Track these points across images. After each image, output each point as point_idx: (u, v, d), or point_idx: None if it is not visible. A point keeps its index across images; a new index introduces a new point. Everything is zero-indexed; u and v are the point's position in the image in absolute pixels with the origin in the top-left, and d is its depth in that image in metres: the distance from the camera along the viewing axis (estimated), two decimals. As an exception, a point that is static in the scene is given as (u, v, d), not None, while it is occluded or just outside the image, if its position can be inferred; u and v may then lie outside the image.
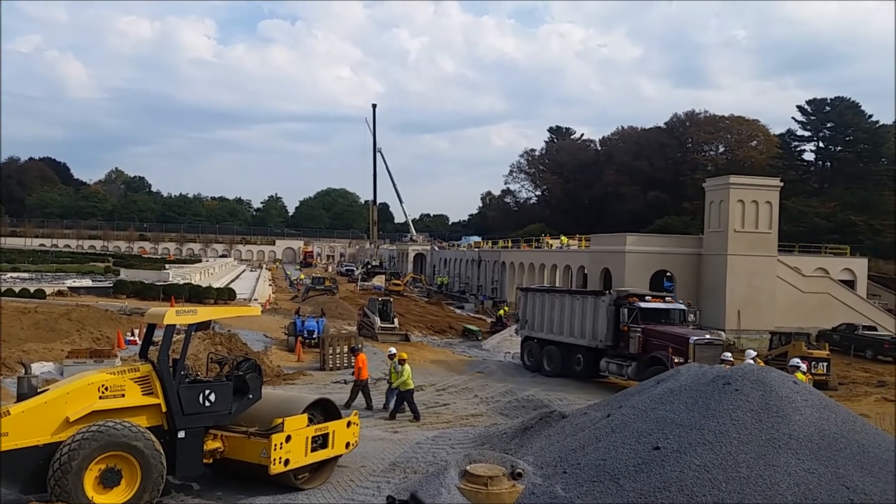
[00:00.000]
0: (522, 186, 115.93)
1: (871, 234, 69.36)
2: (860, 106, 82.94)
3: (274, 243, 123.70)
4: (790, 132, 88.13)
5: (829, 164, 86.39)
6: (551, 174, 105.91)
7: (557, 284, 49.13)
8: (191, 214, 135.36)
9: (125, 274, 46.75)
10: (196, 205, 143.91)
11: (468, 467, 8.80)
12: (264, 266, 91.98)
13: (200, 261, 78.96)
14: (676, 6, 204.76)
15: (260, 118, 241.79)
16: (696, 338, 21.68)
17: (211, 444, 10.49)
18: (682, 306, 24.90)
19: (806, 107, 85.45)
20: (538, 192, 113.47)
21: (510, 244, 64.35)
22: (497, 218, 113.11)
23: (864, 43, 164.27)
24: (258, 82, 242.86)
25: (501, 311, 45.60)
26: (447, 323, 42.55)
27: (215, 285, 44.97)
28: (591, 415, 11.41)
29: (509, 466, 9.03)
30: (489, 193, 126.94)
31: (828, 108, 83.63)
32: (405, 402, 17.78)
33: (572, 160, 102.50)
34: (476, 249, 70.20)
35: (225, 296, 41.35)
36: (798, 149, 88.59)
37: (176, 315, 10.69)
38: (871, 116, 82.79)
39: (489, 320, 45.11)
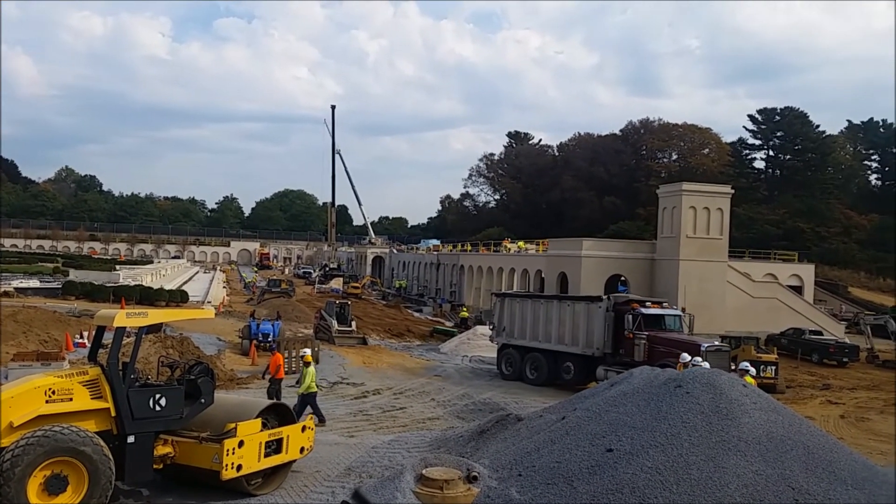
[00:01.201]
0: (482, 190, 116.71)
1: (818, 241, 71.63)
2: (808, 116, 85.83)
3: (229, 245, 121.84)
4: (741, 140, 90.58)
5: (778, 172, 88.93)
6: (510, 178, 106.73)
7: (516, 288, 49.47)
8: (143, 214, 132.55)
9: (74, 275, 45.55)
10: (148, 205, 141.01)
11: (424, 471, 8.80)
12: (218, 268, 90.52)
13: (152, 262, 77.35)
14: (631, 15, 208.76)
15: (215, 117, 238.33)
16: (707, 344, 21.38)
17: (161, 450, 10.28)
18: (679, 312, 24.63)
19: (756, 116, 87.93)
20: (497, 196, 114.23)
21: (469, 248, 64.56)
22: (456, 221, 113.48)
23: (812, 54, 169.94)
24: (214, 81, 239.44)
25: (464, 313, 45.78)
26: (405, 326, 42.50)
27: (167, 287, 44.17)
28: (547, 417, 11.50)
29: (465, 470, 9.06)
30: (448, 197, 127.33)
31: (777, 118, 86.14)
32: (308, 406, 16.62)
33: (530, 165, 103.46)
34: (435, 253, 70.24)
35: (177, 298, 40.64)
36: (749, 157, 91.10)
37: (126, 317, 10.45)
38: (818, 126, 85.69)
39: (448, 324, 45.21)
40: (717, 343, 22.83)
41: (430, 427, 17.20)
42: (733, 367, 18.68)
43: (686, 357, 18.84)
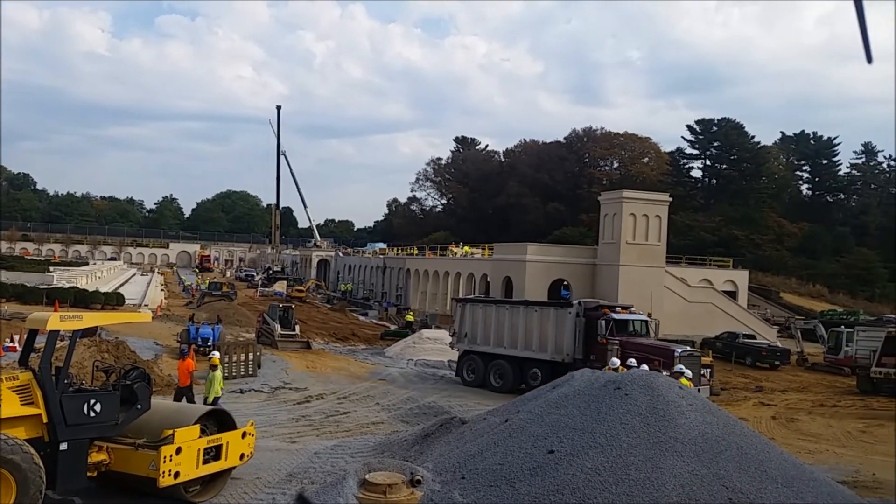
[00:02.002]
0: (428, 194, 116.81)
1: (751, 248, 74.09)
2: (744, 127, 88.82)
3: (168, 246, 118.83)
4: (679, 150, 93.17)
5: (714, 181, 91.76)
6: (457, 183, 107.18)
7: (462, 293, 49.70)
8: (78, 214, 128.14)
9: (6, 276, 43.70)
10: (84, 204, 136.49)
11: (367, 476, 8.77)
12: (157, 270, 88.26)
13: (88, 263, 74.92)
14: (576, 25, 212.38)
15: (155, 115, 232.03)
16: (680, 350, 21.49)
17: (96, 457, 9.99)
18: (646, 317, 24.62)
19: (694, 126, 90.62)
20: (444, 201, 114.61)
21: (416, 251, 64.57)
22: (403, 225, 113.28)
23: (748, 67, 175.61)
24: (154, 78, 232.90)
25: (409, 317, 45.73)
26: (350, 330, 42.23)
27: (103, 289, 42.90)
28: (490, 420, 11.59)
29: (408, 474, 9.06)
30: (395, 200, 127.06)
31: (714, 129, 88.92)
32: None
33: (477, 170, 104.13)
34: (381, 256, 70.00)
35: (113, 301, 39.50)
36: (686, 166, 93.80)
37: (60, 320, 10.13)
38: (753, 137, 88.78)
39: (392, 327, 45.10)
40: (689, 348, 22.96)
41: (374, 431, 17.14)
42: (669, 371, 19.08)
43: (616, 361, 19.22)
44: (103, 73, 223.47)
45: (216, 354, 17.75)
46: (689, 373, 18.28)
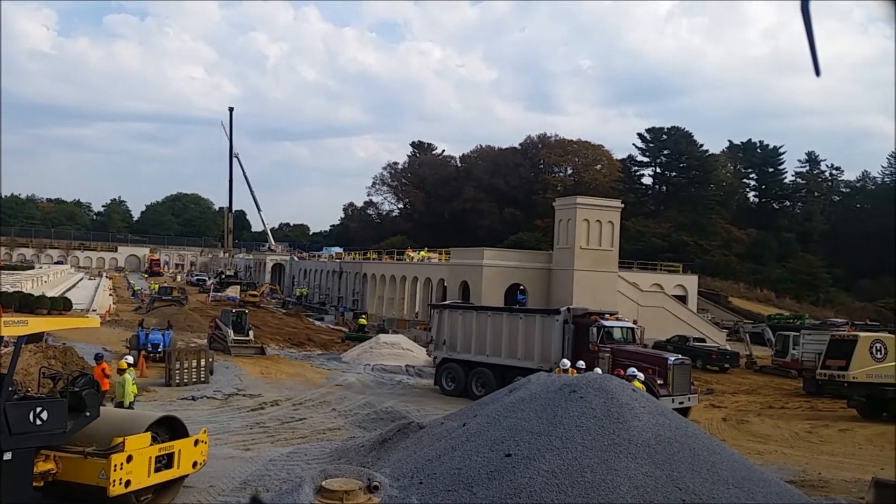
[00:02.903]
0: (385, 199, 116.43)
1: (700, 254, 75.87)
2: (693, 136, 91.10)
3: (116, 250, 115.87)
4: (631, 158, 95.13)
5: (664, 188, 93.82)
6: (413, 188, 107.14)
7: (419, 298, 49.69)
8: (23, 217, 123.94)
9: (-58, 281, 42.17)
10: (29, 206, 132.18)
11: (323, 482, 8.68)
12: (105, 274, 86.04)
13: (33, 267, 72.78)
14: (529, 34, 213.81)
15: (103, 116, 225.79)
16: (673, 359, 21.21)
17: (42, 466, 9.70)
18: (633, 325, 24.37)
19: (645, 135, 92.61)
20: (400, 205, 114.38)
21: (372, 256, 64.30)
22: (359, 229, 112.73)
23: (696, 78, 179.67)
24: (102, 78, 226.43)
25: (362, 320, 45.51)
26: (306, 335, 41.79)
27: (49, 294, 41.60)
28: (448, 424, 11.61)
29: (366, 480, 9.01)
30: (352, 205, 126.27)
31: (664, 137, 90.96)
32: None
33: (434, 175, 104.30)
34: (337, 260, 69.50)
35: (60, 305, 38.35)
36: (638, 173, 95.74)
37: (4, 326, 9.80)
38: (702, 146, 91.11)
39: (345, 331, 44.86)
40: (680, 356, 22.75)
41: (331, 438, 16.99)
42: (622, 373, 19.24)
43: (566, 363, 19.39)
44: (49, 71, 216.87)
45: (129, 359, 17.30)
46: (641, 375, 18.53)
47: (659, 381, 20.01)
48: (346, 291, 62.10)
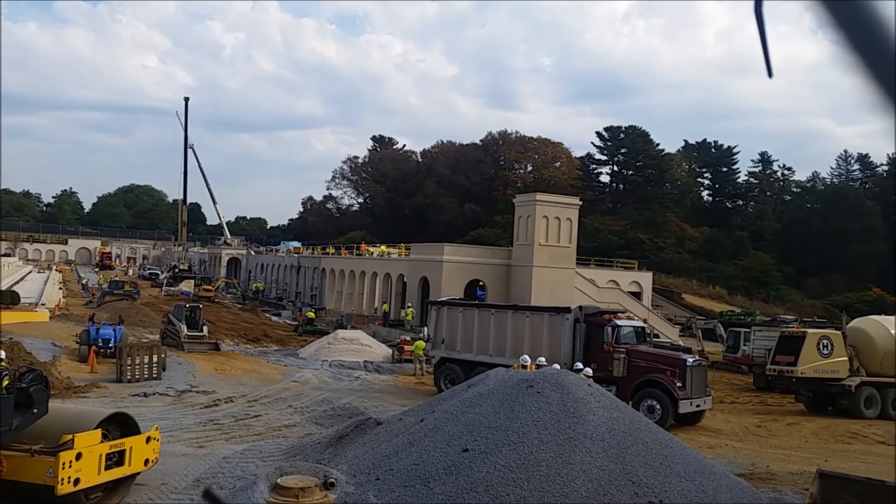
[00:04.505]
0: (345, 193, 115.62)
1: (655, 251, 77.26)
2: (649, 135, 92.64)
3: (66, 242, 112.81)
4: (589, 156, 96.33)
5: (621, 186, 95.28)
6: (374, 182, 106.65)
7: (378, 293, 49.53)
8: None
9: None
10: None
11: (279, 480, 8.59)
12: (55, 267, 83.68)
13: (-23, 260, 70.33)
14: (490, 30, 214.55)
15: (52, 104, 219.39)
16: (692, 360, 20.59)
17: (-14, 465, 9.41)
18: (643, 324, 23.85)
19: (603, 133, 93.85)
20: (360, 200, 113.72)
21: (332, 251, 63.85)
22: (318, 224, 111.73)
23: (652, 77, 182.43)
24: (52, 66, 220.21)
25: (310, 313, 45.25)
26: (262, 331, 41.29)
27: (-5, 288, 40.32)
28: (406, 420, 11.62)
29: (322, 476, 8.95)
30: (310, 198, 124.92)
31: (622, 136, 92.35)
32: None
33: (394, 170, 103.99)
34: (295, 255, 68.74)
35: (7, 299, 37.11)
36: (595, 171, 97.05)
37: (-55, 321, 9.50)
38: (658, 145, 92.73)
39: (294, 324, 44.67)
40: (697, 357, 22.39)
41: (287, 435, 16.83)
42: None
43: (526, 359, 19.38)
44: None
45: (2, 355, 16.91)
46: (588, 370, 18.56)
47: (678, 384, 19.30)
48: (305, 286, 61.56)
